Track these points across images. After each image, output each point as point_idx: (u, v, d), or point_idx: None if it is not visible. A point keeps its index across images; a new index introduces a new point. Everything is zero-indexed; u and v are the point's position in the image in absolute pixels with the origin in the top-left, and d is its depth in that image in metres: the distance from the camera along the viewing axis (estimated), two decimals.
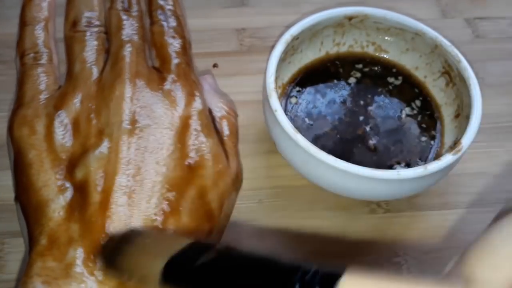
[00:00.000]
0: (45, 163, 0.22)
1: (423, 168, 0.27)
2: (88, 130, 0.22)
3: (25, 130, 0.23)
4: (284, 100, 0.34)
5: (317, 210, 0.33)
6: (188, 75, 0.25)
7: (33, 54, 0.25)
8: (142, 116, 0.23)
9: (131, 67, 0.24)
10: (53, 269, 0.19)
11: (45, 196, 0.21)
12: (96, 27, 0.25)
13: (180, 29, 0.26)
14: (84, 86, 0.23)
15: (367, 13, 0.35)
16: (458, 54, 0.33)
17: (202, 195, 0.22)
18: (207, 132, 0.24)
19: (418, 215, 0.33)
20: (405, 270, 0.30)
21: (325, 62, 0.36)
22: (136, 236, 0.19)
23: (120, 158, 0.21)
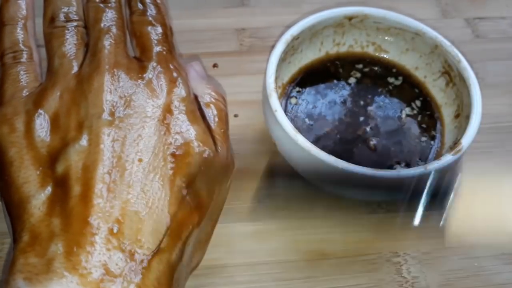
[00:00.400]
0: (25, 159, 0.21)
1: (423, 168, 0.27)
2: (67, 124, 0.22)
3: (5, 128, 0.22)
4: (284, 100, 0.34)
5: (317, 210, 0.33)
6: (169, 62, 0.25)
7: (12, 54, 0.25)
8: (122, 106, 0.22)
9: (109, 58, 0.23)
10: (35, 265, 0.19)
11: (26, 192, 0.21)
12: (75, 22, 0.25)
13: (160, 16, 0.26)
14: (64, 80, 0.23)
15: (367, 13, 0.35)
16: (458, 54, 0.33)
17: (190, 183, 0.22)
18: (192, 119, 0.23)
19: (417, 214, 0.33)
20: (405, 270, 0.30)
21: (325, 62, 0.36)
22: None
23: (99, 149, 0.21)
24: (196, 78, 0.26)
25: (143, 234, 0.20)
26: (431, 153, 0.32)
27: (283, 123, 0.29)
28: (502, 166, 0.35)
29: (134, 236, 0.20)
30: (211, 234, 0.25)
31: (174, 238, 0.21)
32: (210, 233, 0.25)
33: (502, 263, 0.31)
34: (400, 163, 0.32)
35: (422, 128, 0.33)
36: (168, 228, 0.21)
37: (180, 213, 0.21)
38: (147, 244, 0.20)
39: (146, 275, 0.19)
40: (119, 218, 0.20)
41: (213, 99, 0.26)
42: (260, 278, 0.30)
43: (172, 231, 0.21)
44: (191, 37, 0.42)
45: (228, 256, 0.30)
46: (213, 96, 0.26)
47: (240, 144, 0.35)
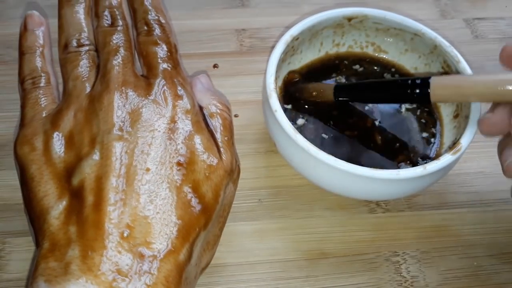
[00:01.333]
0: (45, 175, 0.23)
1: (422, 168, 0.28)
2: (81, 140, 0.24)
3: (26, 148, 0.24)
4: (282, 96, 0.34)
5: (317, 209, 0.33)
6: (174, 78, 0.26)
7: (32, 80, 0.27)
8: (131, 122, 0.24)
9: (118, 77, 0.25)
10: (54, 268, 0.20)
11: (46, 204, 0.23)
12: (86, 46, 0.27)
13: (165, 35, 0.28)
14: (77, 101, 0.25)
15: (366, 14, 0.35)
16: (457, 55, 0.33)
17: (196, 189, 0.24)
18: (197, 129, 0.25)
19: (417, 214, 0.33)
20: (404, 269, 0.31)
21: (325, 63, 0.37)
22: None
23: (110, 162, 0.23)
24: (202, 90, 0.28)
25: (152, 237, 0.21)
26: (431, 153, 0.33)
27: (283, 123, 0.29)
28: None
29: (144, 239, 0.21)
30: (219, 236, 0.27)
31: (182, 240, 0.22)
32: (219, 234, 0.27)
33: (501, 263, 0.31)
34: (399, 162, 0.32)
35: (421, 128, 0.34)
36: (175, 231, 0.22)
37: (187, 216, 0.23)
38: (156, 246, 0.21)
39: (155, 274, 0.21)
40: (129, 223, 0.21)
41: (218, 110, 0.28)
42: (260, 277, 0.30)
43: (180, 233, 0.22)
44: (191, 38, 0.42)
45: (229, 255, 0.31)
46: (218, 107, 0.28)
47: (240, 144, 0.36)
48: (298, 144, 0.28)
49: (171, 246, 0.22)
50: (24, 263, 0.30)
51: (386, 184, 0.28)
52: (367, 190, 0.29)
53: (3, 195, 0.33)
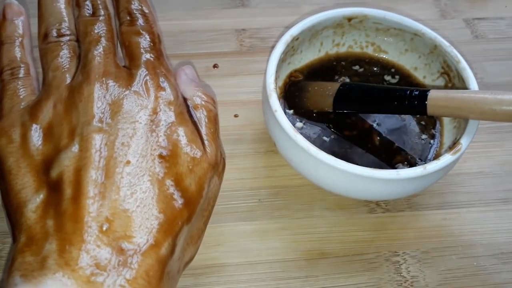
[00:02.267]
0: (22, 168, 0.23)
1: (422, 168, 0.28)
2: (60, 132, 0.23)
3: (3, 140, 0.24)
4: (283, 100, 0.34)
5: (317, 209, 0.33)
6: (157, 68, 0.26)
7: (10, 70, 0.26)
8: (111, 113, 0.24)
9: (98, 68, 0.25)
10: (31, 263, 0.20)
11: (23, 197, 0.22)
12: (67, 36, 0.27)
13: (148, 25, 0.27)
14: (57, 92, 0.25)
15: (366, 14, 0.35)
16: (457, 55, 0.33)
17: (178, 182, 0.23)
18: (180, 121, 0.25)
19: (417, 214, 0.33)
20: (404, 269, 0.31)
21: (325, 63, 0.37)
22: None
23: (90, 154, 0.22)
24: (186, 81, 0.28)
25: (132, 231, 0.21)
26: (430, 153, 0.33)
27: (283, 123, 0.29)
28: (501, 166, 0.36)
29: (124, 232, 0.21)
30: (203, 230, 0.26)
31: (164, 234, 0.22)
32: (203, 228, 0.26)
33: (500, 263, 0.31)
34: (399, 163, 0.32)
35: (422, 128, 0.34)
36: (157, 224, 0.22)
37: (169, 210, 0.22)
38: (136, 239, 0.21)
39: (135, 268, 0.20)
40: (108, 216, 0.21)
41: (203, 101, 0.27)
42: (259, 277, 0.30)
43: (161, 227, 0.22)
44: (191, 38, 0.42)
45: (228, 255, 0.31)
46: (202, 98, 0.27)
47: (240, 144, 0.36)
48: (298, 144, 0.28)
49: (152, 240, 0.21)
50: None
51: (386, 184, 0.28)
52: (367, 190, 0.29)
53: None
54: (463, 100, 0.27)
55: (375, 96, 0.31)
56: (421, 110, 0.29)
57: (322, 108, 0.33)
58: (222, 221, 0.32)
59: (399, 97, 0.30)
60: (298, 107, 0.34)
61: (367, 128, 0.33)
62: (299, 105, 0.34)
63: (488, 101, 0.26)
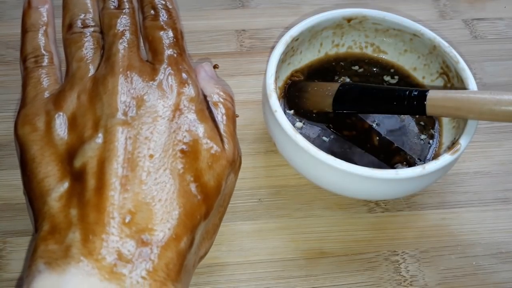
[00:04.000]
0: (46, 156, 0.23)
1: (421, 168, 0.28)
2: (84, 123, 0.24)
3: (27, 128, 0.24)
4: (283, 100, 0.35)
5: (316, 209, 0.33)
6: (179, 64, 0.26)
7: (34, 58, 0.26)
8: (135, 106, 0.24)
9: (123, 61, 0.25)
10: (54, 251, 0.20)
11: (47, 186, 0.22)
12: (91, 27, 0.27)
13: (171, 21, 0.27)
14: (81, 82, 0.25)
15: (365, 15, 0.35)
16: (456, 55, 0.33)
17: (198, 178, 0.23)
18: (200, 117, 0.25)
19: (416, 214, 0.33)
20: (403, 269, 0.31)
21: (324, 63, 0.37)
22: None
23: (114, 146, 0.22)
24: (206, 78, 0.28)
25: (154, 224, 0.21)
26: (430, 153, 0.33)
27: (283, 123, 0.29)
28: (500, 166, 0.36)
29: (145, 225, 0.21)
30: (218, 225, 0.27)
31: (183, 228, 0.22)
32: (218, 224, 0.26)
33: (499, 262, 0.31)
34: (399, 162, 0.32)
35: (421, 128, 0.34)
36: (177, 218, 0.22)
37: (188, 204, 0.23)
38: (157, 232, 0.21)
39: (156, 261, 0.21)
40: (131, 209, 0.21)
41: (221, 99, 0.27)
42: (259, 276, 0.30)
43: (181, 221, 0.22)
44: (192, 38, 0.42)
45: (228, 254, 0.31)
46: (221, 96, 0.27)
47: (240, 144, 0.35)
48: (298, 144, 0.28)
49: (173, 233, 0.21)
50: (25, 263, 0.30)
51: (385, 184, 0.28)
52: (366, 190, 0.29)
53: (4, 195, 0.33)
54: (462, 100, 0.27)
55: (375, 96, 0.31)
56: (420, 110, 0.29)
57: (321, 108, 0.33)
58: (223, 220, 0.32)
59: (398, 97, 0.30)
60: (298, 107, 0.34)
61: (366, 128, 0.34)
62: (299, 105, 0.34)
63: (487, 101, 0.26)
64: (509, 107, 0.26)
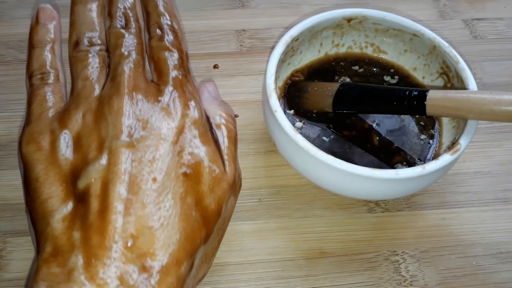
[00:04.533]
0: (50, 176, 0.23)
1: (421, 168, 0.28)
2: (89, 144, 0.23)
3: (32, 147, 0.24)
4: (283, 100, 0.35)
5: (317, 209, 0.33)
6: (184, 86, 0.26)
7: (40, 75, 0.26)
8: (139, 128, 0.24)
9: (128, 81, 0.25)
10: (57, 274, 0.20)
11: (50, 207, 0.22)
12: (97, 46, 0.27)
13: (177, 42, 0.27)
14: (86, 102, 0.25)
15: (365, 15, 0.35)
16: (456, 55, 0.33)
17: (199, 201, 0.23)
18: (204, 140, 0.25)
19: (416, 214, 0.33)
20: (403, 269, 0.31)
21: (324, 63, 0.37)
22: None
23: (118, 169, 0.22)
24: (209, 100, 0.28)
25: (155, 248, 0.21)
26: (430, 153, 0.33)
27: (283, 123, 0.29)
28: (500, 166, 0.36)
29: (147, 249, 0.21)
30: (217, 248, 0.26)
31: (184, 252, 0.22)
32: (217, 247, 0.26)
33: (499, 262, 0.31)
34: (399, 163, 0.32)
35: (421, 128, 0.34)
36: (178, 243, 0.22)
37: (189, 228, 0.22)
38: (159, 257, 0.21)
39: (156, 286, 0.21)
40: (133, 233, 0.21)
41: (224, 120, 0.27)
42: (259, 276, 0.30)
43: (182, 246, 0.22)
44: (192, 38, 0.42)
45: (228, 254, 0.31)
46: (223, 117, 0.27)
47: (240, 144, 0.36)
48: (298, 144, 0.28)
49: (174, 258, 0.21)
50: (25, 263, 0.30)
51: (385, 183, 0.28)
52: (366, 190, 0.29)
53: (4, 195, 0.33)
54: (462, 100, 0.27)
55: (375, 96, 0.31)
56: (420, 110, 0.29)
57: (321, 108, 0.33)
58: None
59: (398, 97, 0.30)
60: (298, 107, 0.34)
61: (366, 128, 0.34)
62: (299, 105, 0.34)
63: (487, 101, 0.26)
64: (509, 107, 0.26)
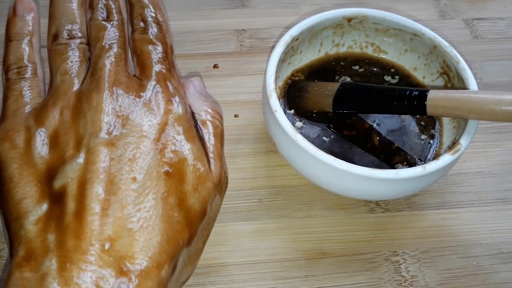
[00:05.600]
0: (24, 176, 0.22)
1: (421, 168, 0.28)
2: (66, 142, 0.22)
3: (6, 145, 0.23)
4: (284, 100, 0.34)
5: (317, 209, 0.33)
6: (168, 81, 0.25)
7: (17, 69, 0.25)
8: (119, 125, 0.23)
9: (109, 76, 0.24)
10: (29, 279, 0.19)
11: (24, 208, 0.21)
12: (77, 39, 0.26)
13: (161, 35, 0.26)
14: (64, 97, 0.24)
15: (366, 14, 0.35)
16: (456, 55, 0.33)
17: (182, 201, 0.22)
18: (188, 137, 0.24)
19: (416, 214, 0.33)
20: (404, 269, 0.31)
21: (325, 63, 0.37)
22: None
23: (96, 168, 0.21)
24: (195, 95, 0.27)
25: (134, 251, 0.20)
26: (430, 153, 0.33)
27: (283, 123, 0.29)
28: (500, 166, 0.36)
29: (126, 252, 0.20)
30: (202, 249, 0.25)
31: (165, 255, 0.21)
32: (201, 248, 0.25)
33: (500, 262, 0.31)
34: (400, 163, 0.32)
35: (421, 128, 0.34)
36: (159, 245, 0.21)
37: (171, 231, 0.21)
38: (138, 261, 0.20)
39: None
40: (111, 235, 0.20)
41: (210, 117, 0.26)
42: (259, 277, 0.30)
43: (163, 248, 0.21)
44: (192, 38, 0.42)
45: (228, 254, 0.31)
46: (209, 113, 0.26)
47: (240, 144, 0.36)
48: (298, 144, 0.28)
49: (154, 261, 0.20)
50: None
51: (386, 184, 0.28)
52: (366, 190, 0.29)
53: None
54: (463, 100, 0.27)
55: (375, 96, 0.31)
56: (421, 110, 0.29)
57: (322, 108, 0.33)
58: (222, 220, 0.32)
59: (398, 97, 0.30)
60: (298, 107, 0.34)
61: (366, 128, 0.34)
62: (299, 105, 0.34)
63: (488, 101, 0.26)
64: (509, 107, 0.26)
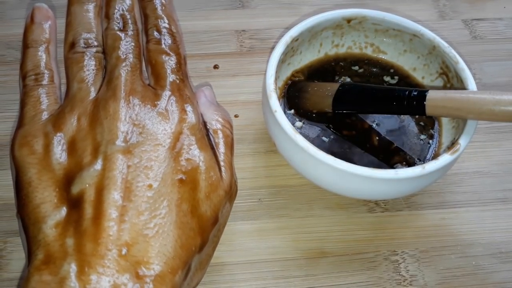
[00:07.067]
0: (43, 181, 0.22)
1: (421, 168, 0.28)
2: (84, 148, 0.23)
3: (25, 150, 0.23)
4: (283, 100, 0.35)
5: (316, 209, 0.33)
6: (182, 91, 0.26)
7: (34, 76, 0.26)
8: (136, 133, 0.23)
9: (125, 85, 0.24)
10: (48, 282, 0.20)
11: (43, 212, 0.22)
12: (94, 48, 0.26)
13: (175, 46, 0.27)
14: (81, 105, 0.24)
15: (365, 15, 0.35)
16: (455, 55, 0.33)
17: (195, 208, 0.23)
18: (200, 146, 0.24)
19: (415, 213, 0.33)
20: (403, 268, 0.31)
21: (324, 63, 0.37)
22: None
23: (113, 175, 0.22)
24: (206, 104, 0.27)
25: (150, 256, 0.21)
26: (429, 153, 0.33)
27: (283, 123, 0.29)
28: (499, 166, 0.36)
29: (141, 258, 0.21)
30: (211, 256, 0.26)
31: (179, 260, 0.22)
32: (211, 254, 0.26)
33: (499, 262, 0.31)
34: (399, 163, 0.32)
35: (420, 128, 0.34)
36: (173, 251, 0.21)
37: (184, 236, 0.22)
38: (153, 266, 0.21)
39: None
40: (128, 240, 0.21)
41: (220, 126, 0.27)
42: (260, 276, 0.30)
43: (177, 254, 0.22)
44: (192, 39, 0.42)
45: (229, 254, 0.31)
46: (220, 123, 0.27)
47: (240, 144, 0.36)
48: (298, 144, 0.28)
49: (169, 267, 0.21)
50: (25, 263, 0.30)
51: (385, 183, 0.28)
52: (366, 190, 0.30)
53: (4, 195, 0.33)
54: (462, 101, 0.27)
55: (374, 96, 0.32)
56: (420, 111, 0.29)
57: (321, 108, 0.33)
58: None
59: (398, 97, 0.30)
60: (297, 107, 0.34)
61: (366, 128, 0.34)
62: (298, 106, 0.34)
63: (487, 101, 0.26)
64: (508, 107, 0.26)
